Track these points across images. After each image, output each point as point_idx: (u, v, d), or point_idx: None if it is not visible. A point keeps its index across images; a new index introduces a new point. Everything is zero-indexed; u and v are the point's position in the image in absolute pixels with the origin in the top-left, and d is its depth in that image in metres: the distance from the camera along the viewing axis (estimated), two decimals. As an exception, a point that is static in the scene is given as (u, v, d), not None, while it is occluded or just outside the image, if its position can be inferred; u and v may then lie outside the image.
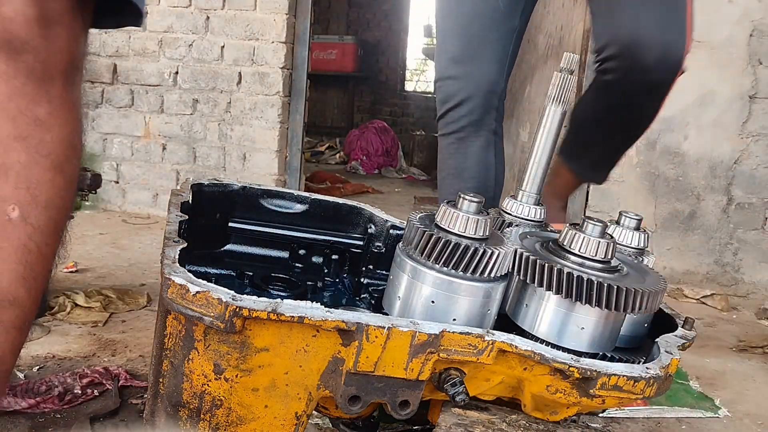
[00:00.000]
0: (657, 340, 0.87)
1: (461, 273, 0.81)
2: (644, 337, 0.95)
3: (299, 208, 1.12)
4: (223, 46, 3.21)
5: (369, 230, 1.11)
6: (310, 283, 1.06)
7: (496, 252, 0.81)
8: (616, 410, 1.56)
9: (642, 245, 1.00)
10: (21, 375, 1.53)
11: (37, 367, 1.58)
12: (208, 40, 3.24)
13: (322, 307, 0.73)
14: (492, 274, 0.82)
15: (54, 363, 1.62)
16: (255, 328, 0.74)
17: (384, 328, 0.73)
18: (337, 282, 1.12)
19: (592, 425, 1.52)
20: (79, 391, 1.44)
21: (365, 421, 1.05)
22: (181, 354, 0.76)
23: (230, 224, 1.09)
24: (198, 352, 0.75)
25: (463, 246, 0.80)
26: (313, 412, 0.85)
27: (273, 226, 1.10)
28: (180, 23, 3.27)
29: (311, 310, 0.73)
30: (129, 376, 1.54)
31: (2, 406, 1.34)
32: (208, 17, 3.23)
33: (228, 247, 1.10)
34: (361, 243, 1.12)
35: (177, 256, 0.78)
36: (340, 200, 1.15)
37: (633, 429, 1.54)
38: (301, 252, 1.11)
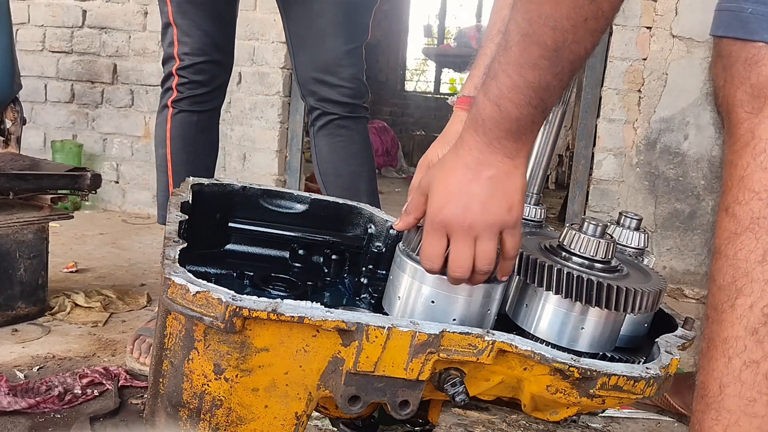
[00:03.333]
0: (657, 340, 0.87)
1: (461, 273, 0.81)
2: (644, 337, 0.95)
3: (299, 208, 1.12)
4: (223, 46, 3.21)
5: (369, 230, 1.11)
6: (310, 283, 1.05)
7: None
8: (615, 411, 1.56)
9: (642, 245, 1.00)
10: (21, 375, 1.53)
11: (37, 367, 1.59)
12: (208, 40, 3.24)
13: (322, 307, 0.73)
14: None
15: (54, 363, 1.62)
16: (255, 328, 0.74)
17: (384, 328, 0.73)
18: (337, 282, 1.12)
19: (592, 425, 1.52)
20: (79, 391, 1.44)
21: (365, 421, 1.05)
22: (181, 354, 0.76)
23: (230, 224, 1.09)
24: (198, 352, 0.75)
25: (463, 246, 0.80)
26: (313, 412, 0.85)
27: (273, 226, 1.10)
28: (180, 23, 3.27)
29: (311, 310, 0.73)
30: (129, 376, 1.54)
31: (2, 406, 1.34)
32: (208, 17, 3.23)
33: (228, 247, 1.10)
34: (361, 243, 1.12)
35: (177, 256, 0.78)
36: (340, 200, 1.15)
37: (633, 429, 1.54)
38: (301, 252, 1.11)
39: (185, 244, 0.82)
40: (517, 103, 0.70)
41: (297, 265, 1.11)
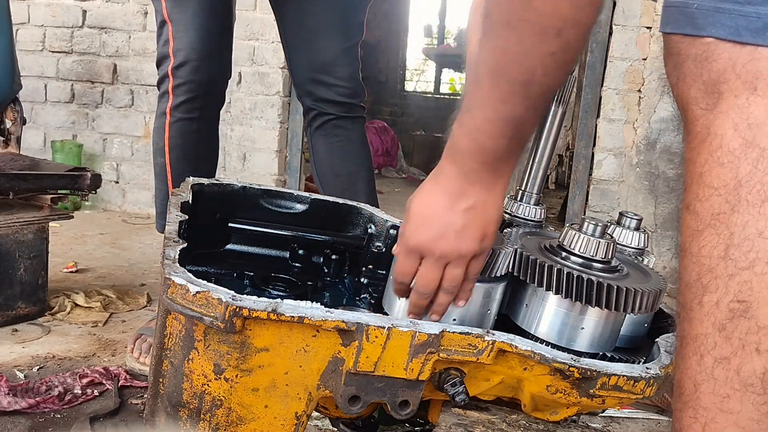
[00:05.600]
0: (657, 340, 0.87)
1: (461, 273, 0.81)
2: (644, 337, 0.95)
3: (299, 208, 1.12)
4: (223, 46, 3.21)
5: (369, 230, 1.11)
6: (310, 283, 1.05)
7: (496, 252, 0.81)
8: (615, 411, 1.56)
9: (642, 245, 1.00)
10: (21, 375, 1.53)
11: (37, 367, 1.59)
12: (208, 40, 3.24)
13: (322, 307, 0.73)
14: (492, 274, 0.82)
15: (54, 363, 1.62)
16: (255, 328, 0.74)
17: (384, 328, 0.73)
18: (337, 282, 1.12)
19: (592, 425, 1.52)
20: (79, 391, 1.44)
21: (365, 421, 1.05)
22: (181, 354, 0.76)
23: (230, 224, 1.09)
24: (198, 352, 0.75)
25: (463, 246, 0.80)
26: (313, 412, 0.85)
27: (273, 226, 1.10)
28: (180, 23, 3.27)
29: (311, 310, 0.73)
30: (129, 376, 1.54)
31: (2, 406, 1.34)
32: (208, 17, 3.23)
33: (228, 247, 1.10)
34: (361, 243, 1.12)
35: (177, 256, 0.78)
36: (340, 200, 1.15)
37: (633, 429, 1.54)
38: (301, 252, 1.11)
39: (185, 244, 0.82)
40: (491, 136, 0.71)
41: (297, 265, 1.11)
